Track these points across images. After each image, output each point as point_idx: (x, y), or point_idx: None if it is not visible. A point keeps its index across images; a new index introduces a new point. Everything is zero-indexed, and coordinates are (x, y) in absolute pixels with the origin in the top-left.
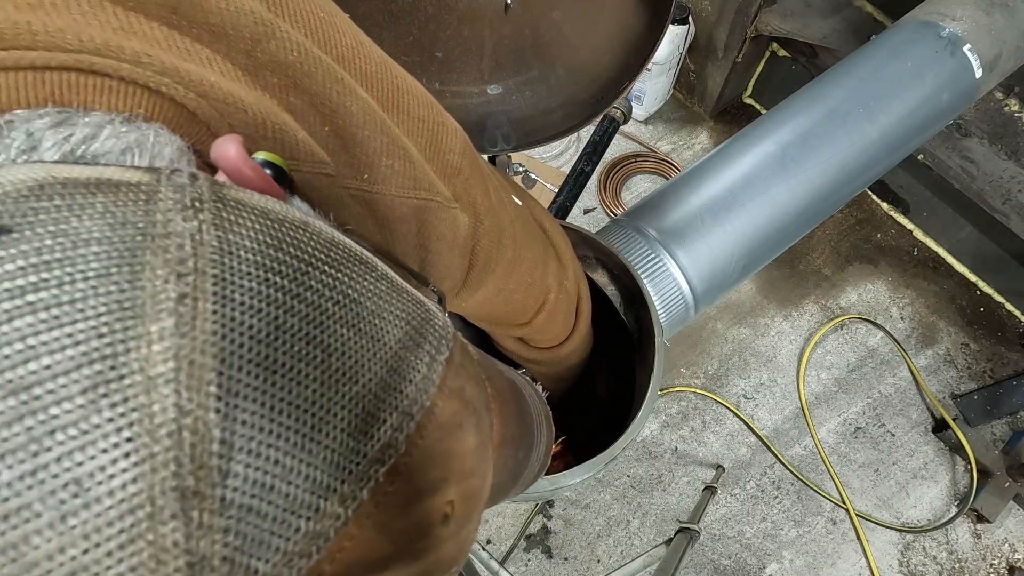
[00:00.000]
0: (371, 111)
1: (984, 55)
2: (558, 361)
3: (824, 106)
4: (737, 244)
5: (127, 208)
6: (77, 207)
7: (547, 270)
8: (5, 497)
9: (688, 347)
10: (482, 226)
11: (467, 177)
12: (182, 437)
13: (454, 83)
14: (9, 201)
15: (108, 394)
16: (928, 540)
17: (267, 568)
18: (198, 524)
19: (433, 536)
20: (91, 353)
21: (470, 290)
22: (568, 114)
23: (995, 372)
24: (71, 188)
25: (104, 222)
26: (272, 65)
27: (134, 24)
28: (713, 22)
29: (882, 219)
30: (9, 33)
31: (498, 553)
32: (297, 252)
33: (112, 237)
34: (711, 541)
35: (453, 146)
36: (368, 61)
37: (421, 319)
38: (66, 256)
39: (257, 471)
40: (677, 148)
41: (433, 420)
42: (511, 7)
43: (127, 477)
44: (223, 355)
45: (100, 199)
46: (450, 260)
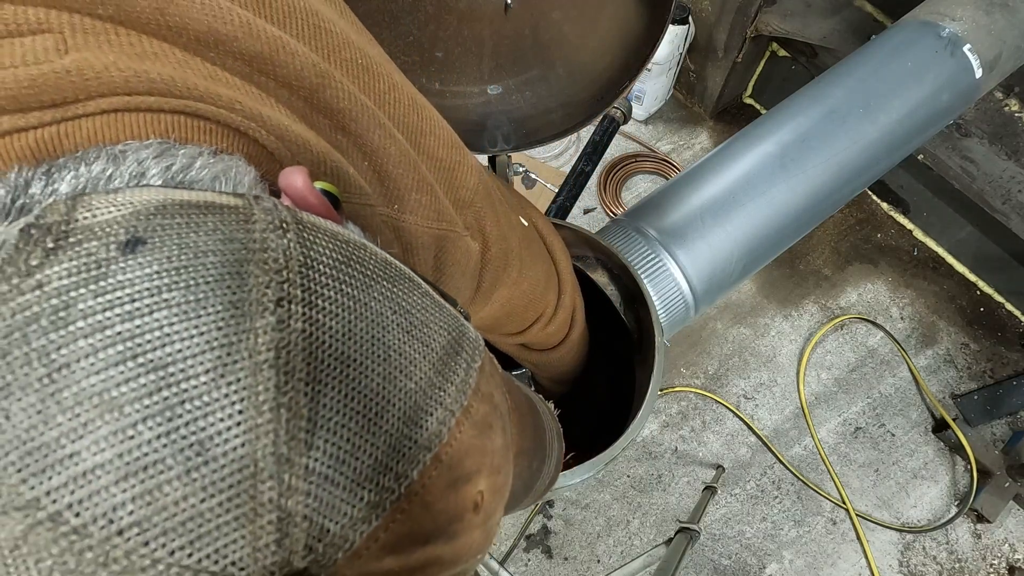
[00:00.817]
0: (405, 152)
1: (984, 55)
2: (553, 363)
3: (824, 106)
4: (737, 244)
5: (232, 227)
6: (194, 224)
7: (548, 286)
8: (145, 453)
9: (688, 347)
10: (490, 252)
11: (479, 209)
12: (280, 413)
13: (454, 83)
14: (142, 218)
15: (225, 374)
16: (928, 540)
17: (336, 528)
18: (288, 486)
19: (466, 521)
20: (212, 341)
21: (476, 306)
22: (568, 114)
23: (995, 372)
24: (187, 208)
25: (215, 237)
26: (326, 110)
27: (219, 75)
28: (713, 22)
29: (882, 219)
30: (132, 80)
31: (498, 553)
32: (362, 268)
33: (223, 250)
34: (711, 541)
35: (467, 183)
36: (397, 104)
37: (459, 331)
38: (190, 264)
39: (333, 446)
40: (677, 148)
41: (470, 418)
42: (511, 7)
43: (237, 442)
44: (311, 348)
45: (210, 219)
46: (461, 283)
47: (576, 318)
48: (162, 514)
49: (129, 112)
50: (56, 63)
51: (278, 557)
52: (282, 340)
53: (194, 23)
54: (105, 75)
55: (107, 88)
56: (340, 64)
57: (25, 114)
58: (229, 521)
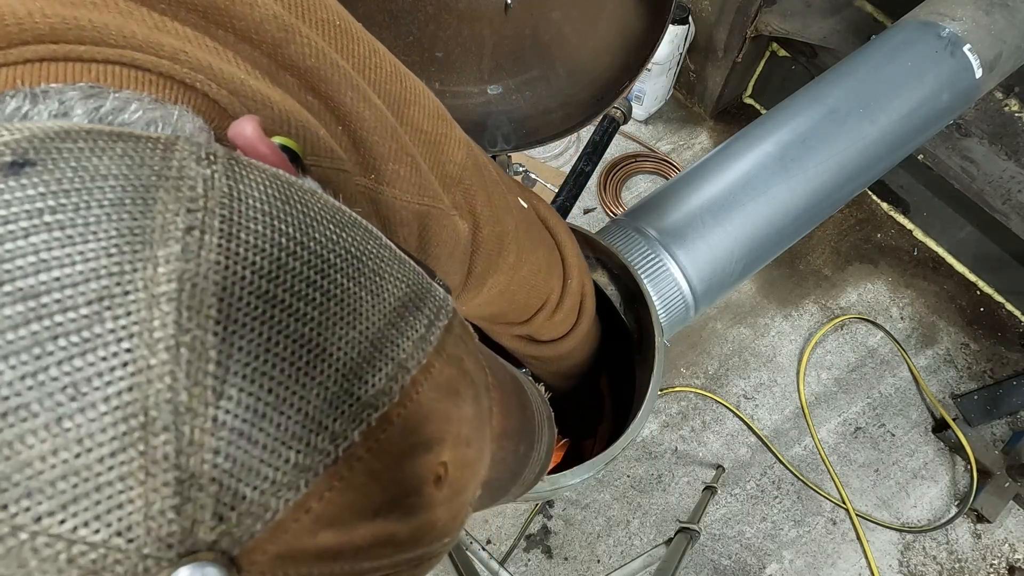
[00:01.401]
0: (382, 117)
1: (984, 55)
2: (560, 357)
3: (824, 106)
4: (737, 244)
5: (145, 153)
6: (99, 149)
7: (551, 272)
8: (5, 396)
9: (688, 347)
10: (481, 233)
11: (468, 187)
12: (179, 353)
13: (454, 83)
14: (36, 140)
15: (112, 307)
16: (928, 540)
17: (254, 495)
18: (189, 440)
19: (425, 495)
20: (99, 270)
21: (471, 293)
22: (568, 114)
23: (995, 372)
24: (95, 135)
25: (122, 162)
26: (292, 67)
27: (168, 25)
28: (713, 22)
29: (882, 219)
30: (60, 28)
31: (498, 553)
32: (304, 209)
33: (129, 175)
34: (711, 541)
35: (454, 157)
36: (378, 71)
37: (422, 288)
38: (84, 187)
39: (251, 396)
40: (677, 148)
41: (430, 379)
42: (511, 7)
43: (123, 385)
44: (225, 283)
45: (121, 145)
46: (449, 266)
47: (585, 306)
48: (24, 472)
49: (56, 61)
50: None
51: (177, 527)
52: (188, 271)
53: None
54: (29, 21)
55: (31, 35)
56: (314, 24)
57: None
58: (112, 481)
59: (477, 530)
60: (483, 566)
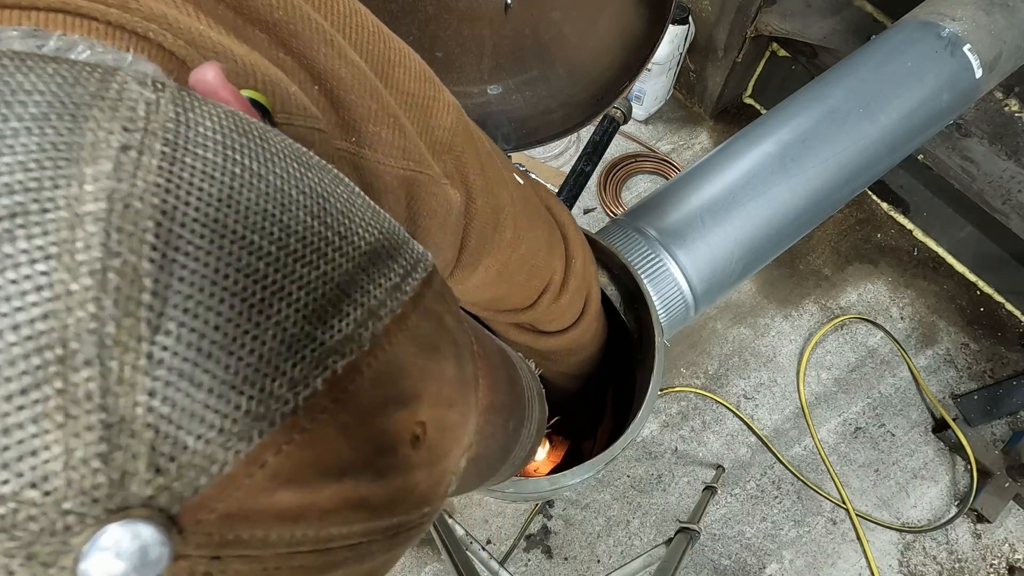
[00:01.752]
0: (362, 76)
1: (984, 55)
2: (569, 350)
3: (824, 106)
4: (737, 244)
5: (81, 75)
6: (25, 68)
7: (552, 252)
8: None
9: (688, 347)
10: (474, 204)
11: (459, 154)
12: (107, 279)
13: (454, 83)
14: None
15: (26, 225)
16: (928, 540)
17: (198, 444)
18: (118, 378)
19: (401, 455)
20: (13, 185)
21: (465, 271)
22: (568, 114)
23: (995, 372)
24: (24, 57)
25: (52, 81)
26: (259, 22)
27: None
28: (713, 22)
29: (882, 219)
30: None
31: (498, 553)
32: (263, 144)
33: (59, 93)
34: (711, 541)
35: (443, 122)
36: (360, 30)
37: (397, 238)
38: (3, 100)
39: (194, 333)
40: (677, 148)
41: (405, 331)
42: (511, 7)
43: (37, 312)
44: (166, 207)
45: (53, 66)
46: (440, 238)
47: (591, 294)
48: None
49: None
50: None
51: (104, 479)
52: (119, 191)
53: None
54: None
55: None
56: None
57: None
58: (23, 423)
59: (477, 530)
60: (483, 566)
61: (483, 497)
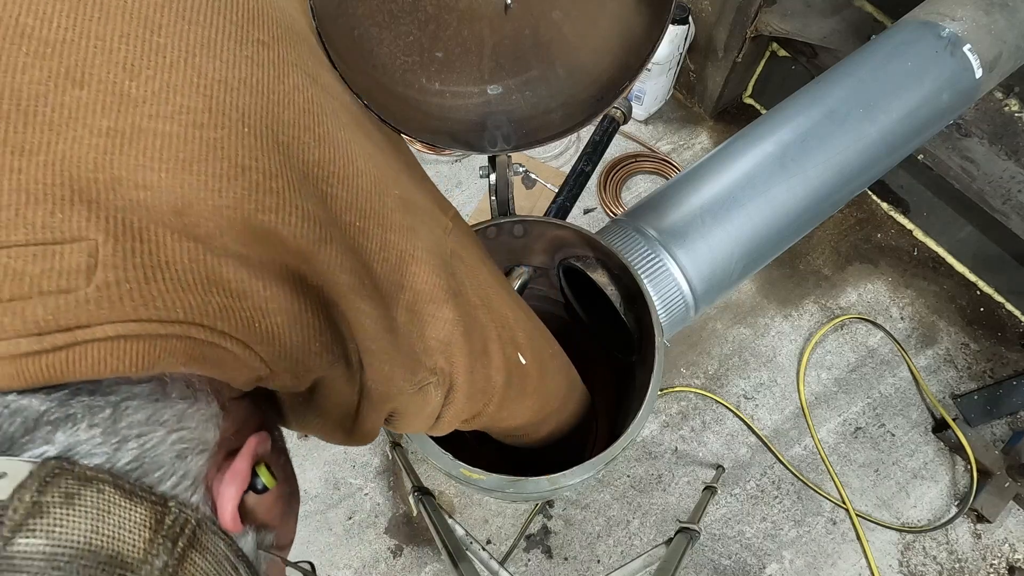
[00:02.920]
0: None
1: (984, 55)
2: (527, 424)
3: (824, 106)
4: (737, 244)
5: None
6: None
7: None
8: None
9: (688, 347)
10: (455, 394)
11: (449, 356)
12: None
13: (454, 83)
14: (60, 565)
15: None
16: (928, 540)
17: None
18: None
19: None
20: None
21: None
22: (568, 114)
23: (995, 372)
24: (90, 567)
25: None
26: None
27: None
28: (713, 22)
29: (882, 219)
30: (141, 310)
31: (498, 553)
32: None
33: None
34: (711, 541)
35: (437, 335)
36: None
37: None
38: None
39: None
40: (677, 148)
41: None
42: (511, 7)
43: None
44: None
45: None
46: (415, 422)
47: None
48: None
49: (129, 339)
50: (81, 292)
51: None
52: None
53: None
54: (119, 306)
55: (119, 314)
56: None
57: (41, 338)
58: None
59: (477, 530)
60: (483, 566)
61: (483, 497)
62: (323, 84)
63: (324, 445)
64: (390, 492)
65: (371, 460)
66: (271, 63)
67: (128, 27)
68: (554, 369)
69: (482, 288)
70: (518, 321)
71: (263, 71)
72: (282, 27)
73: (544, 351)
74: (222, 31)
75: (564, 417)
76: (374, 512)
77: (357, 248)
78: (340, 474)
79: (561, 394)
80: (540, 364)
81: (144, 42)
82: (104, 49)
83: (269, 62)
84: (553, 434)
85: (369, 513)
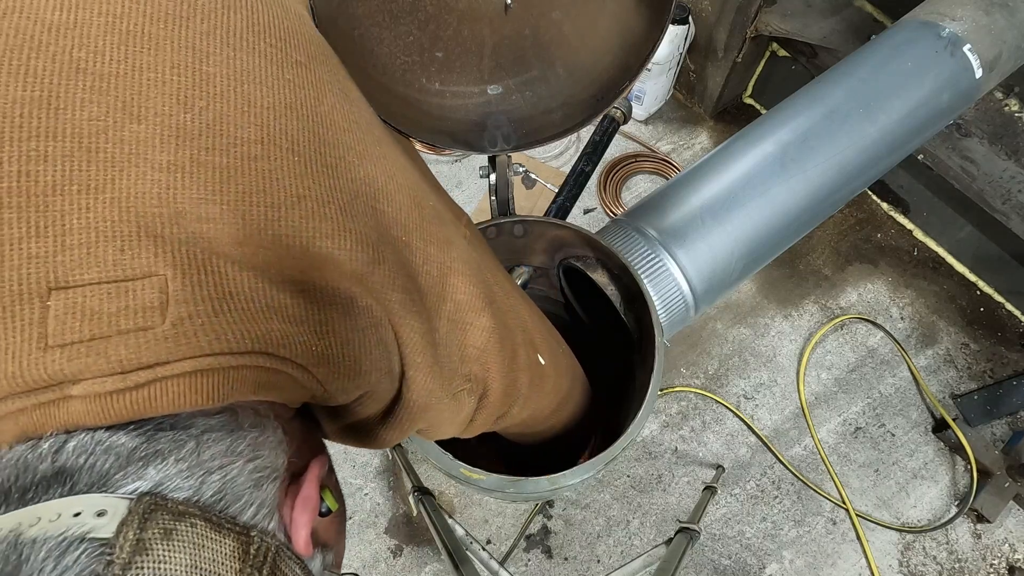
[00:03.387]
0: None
1: (984, 55)
2: (534, 420)
3: (824, 106)
4: (737, 244)
5: None
6: None
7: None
8: None
9: (688, 347)
10: (487, 399)
11: (485, 363)
12: None
13: (454, 83)
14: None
15: None
16: (928, 540)
17: None
18: None
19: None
20: None
21: (467, 432)
22: (568, 114)
23: (995, 372)
24: None
25: None
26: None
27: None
28: (713, 22)
29: (882, 219)
30: (215, 344)
31: (498, 553)
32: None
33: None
34: (711, 541)
35: (475, 342)
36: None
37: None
38: None
39: None
40: (677, 148)
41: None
42: (511, 7)
43: None
44: None
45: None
46: (448, 429)
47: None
48: None
49: (206, 373)
50: (158, 329)
51: None
52: None
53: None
54: (195, 341)
55: (195, 349)
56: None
57: (125, 376)
58: None
59: (477, 530)
60: (483, 566)
61: (483, 497)
62: (353, 99)
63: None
64: (390, 492)
65: (371, 460)
66: (310, 84)
67: (178, 57)
68: (564, 366)
69: (507, 295)
70: (534, 323)
71: (304, 93)
72: (315, 44)
73: (556, 350)
74: (264, 55)
75: (570, 408)
76: (374, 512)
77: (404, 264)
78: (340, 474)
79: (567, 388)
80: (555, 363)
81: (195, 72)
82: (157, 81)
83: (309, 83)
84: (555, 428)
85: (369, 513)
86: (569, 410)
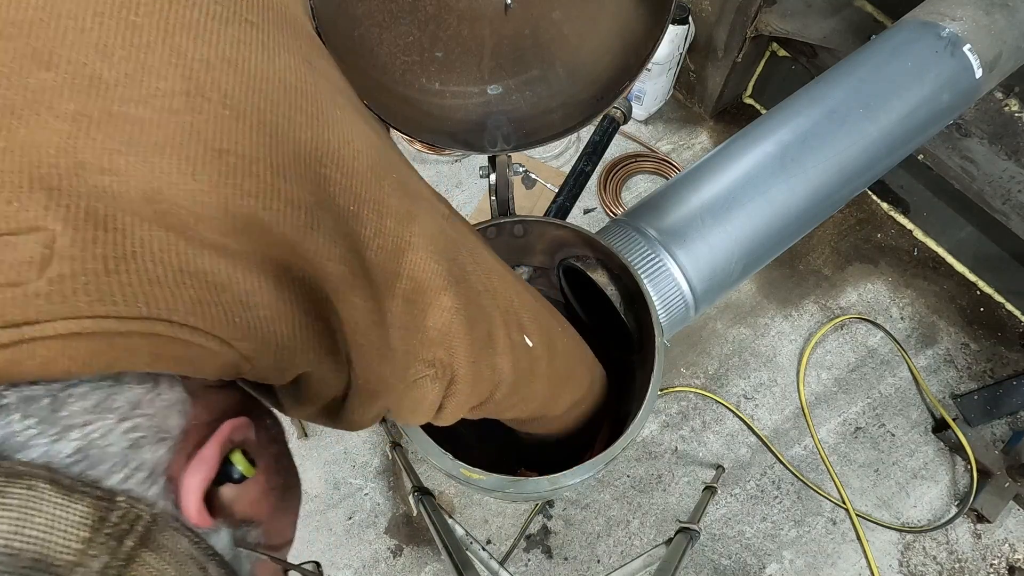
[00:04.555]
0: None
1: (984, 55)
2: (541, 418)
3: (824, 106)
4: (737, 244)
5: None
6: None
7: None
8: None
9: (688, 347)
10: (455, 386)
11: (449, 346)
12: None
13: (454, 83)
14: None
15: None
16: (928, 540)
17: None
18: None
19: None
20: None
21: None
22: (568, 114)
23: (995, 372)
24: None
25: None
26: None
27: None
28: (713, 22)
29: (882, 219)
30: (96, 305)
31: (498, 553)
32: None
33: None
34: (711, 541)
35: (436, 323)
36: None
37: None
38: None
39: None
40: (677, 148)
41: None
42: (511, 7)
43: None
44: None
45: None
46: (411, 419)
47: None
48: None
49: (83, 337)
50: (31, 285)
51: None
52: None
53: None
54: (72, 301)
55: (72, 310)
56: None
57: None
58: None
59: (477, 530)
60: (483, 566)
61: (483, 497)
62: (319, 69)
63: (324, 445)
64: (390, 492)
65: (371, 460)
66: (260, 43)
67: (103, 6)
68: (565, 349)
69: (485, 274)
70: (524, 304)
71: (250, 50)
72: (274, 11)
73: (553, 330)
74: (206, 11)
75: (579, 393)
76: (374, 512)
77: (350, 235)
78: (340, 474)
79: (568, 371)
80: (549, 344)
81: (120, 21)
82: (76, 29)
83: (258, 42)
84: (572, 419)
85: (369, 513)
86: (578, 395)
